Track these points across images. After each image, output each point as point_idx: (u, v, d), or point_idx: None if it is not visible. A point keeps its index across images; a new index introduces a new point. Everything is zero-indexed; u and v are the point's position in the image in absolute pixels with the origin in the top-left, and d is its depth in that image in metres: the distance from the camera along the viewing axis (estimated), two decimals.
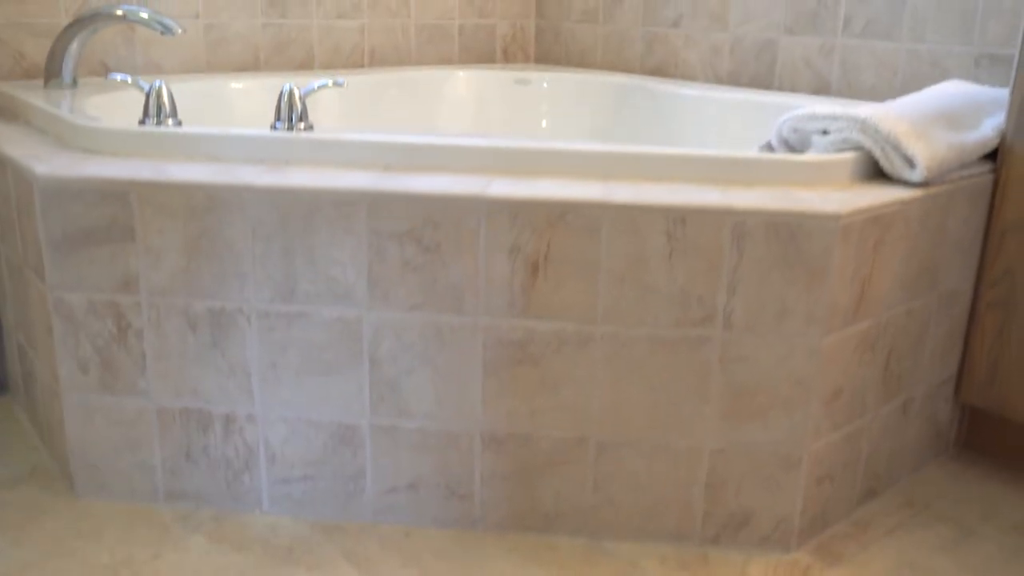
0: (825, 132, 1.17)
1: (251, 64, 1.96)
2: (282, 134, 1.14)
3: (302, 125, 1.16)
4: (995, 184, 1.22)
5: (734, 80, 1.98)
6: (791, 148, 1.23)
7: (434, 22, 2.24)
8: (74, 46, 1.60)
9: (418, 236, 1.03)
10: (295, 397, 1.11)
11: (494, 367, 1.07)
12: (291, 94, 1.15)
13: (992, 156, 1.23)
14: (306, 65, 2.05)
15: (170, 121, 1.18)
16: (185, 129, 1.16)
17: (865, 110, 1.14)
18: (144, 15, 1.57)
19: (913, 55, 1.68)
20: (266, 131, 1.15)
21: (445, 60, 2.28)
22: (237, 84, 1.84)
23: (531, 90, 2.16)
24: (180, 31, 1.58)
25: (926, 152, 1.10)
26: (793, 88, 1.87)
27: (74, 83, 1.62)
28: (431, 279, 1.05)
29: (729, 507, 1.11)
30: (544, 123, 2.16)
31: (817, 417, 1.07)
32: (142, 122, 1.18)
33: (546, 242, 1.02)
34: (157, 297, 1.09)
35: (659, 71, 2.12)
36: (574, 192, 1.02)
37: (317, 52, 2.06)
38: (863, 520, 1.19)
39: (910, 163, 1.11)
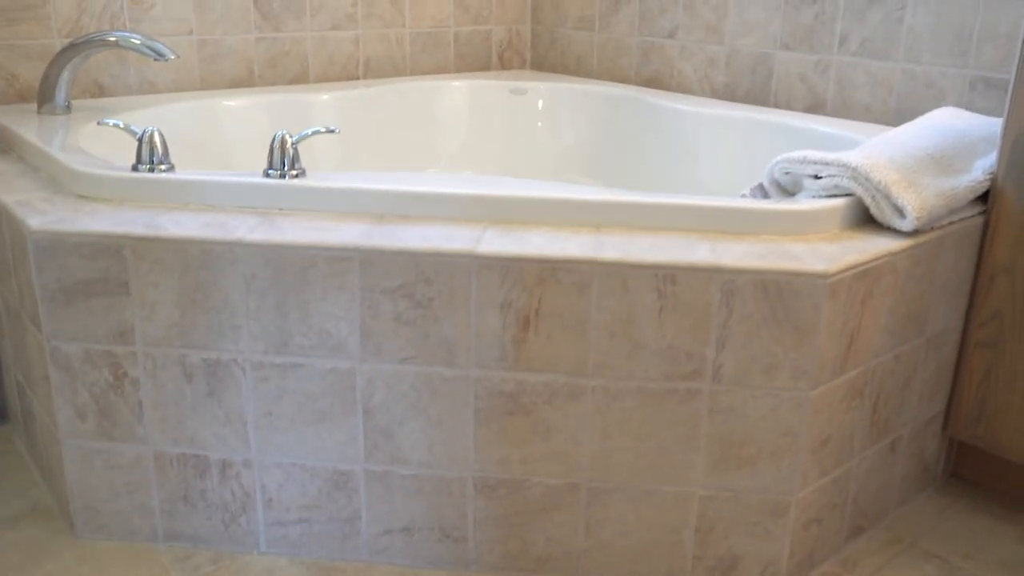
0: (817, 176, 1.18)
1: (245, 79, 1.96)
2: (275, 182, 1.15)
3: (294, 172, 1.16)
4: (985, 226, 1.23)
5: (730, 93, 1.97)
6: (783, 189, 1.24)
7: (429, 30, 2.23)
8: (67, 71, 1.59)
9: (410, 291, 1.04)
10: (290, 444, 1.13)
11: (486, 417, 1.08)
12: (283, 141, 1.16)
13: (983, 197, 1.24)
14: (300, 78, 2.04)
15: (163, 167, 1.18)
16: (178, 176, 1.16)
17: (856, 156, 1.15)
18: (136, 41, 1.57)
19: (908, 75, 1.67)
20: (259, 178, 1.15)
21: (440, 68, 2.27)
22: (230, 102, 1.84)
23: (527, 100, 2.16)
24: (172, 56, 1.57)
25: (916, 201, 1.11)
26: (788, 104, 1.87)
27: (68, 108, 1.62)
28: (423, 333, 1.06)
29: (718, 551, 1.13)
30: (540, 136, 2.16)
31: (805, 465, 1.09)
32: (135, 167, 1.18)
33: (537, 298, 1.03)
34: (153, 348, 1.10)
35: (655, 81, 2.12)
36: (564, 249, 1.03)
37: (311, 64, 2.05)
38: (850, 559, 1.21)
39: (900, 212, 1.12)
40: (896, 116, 1.70)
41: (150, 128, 1.18)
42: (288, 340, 1.08)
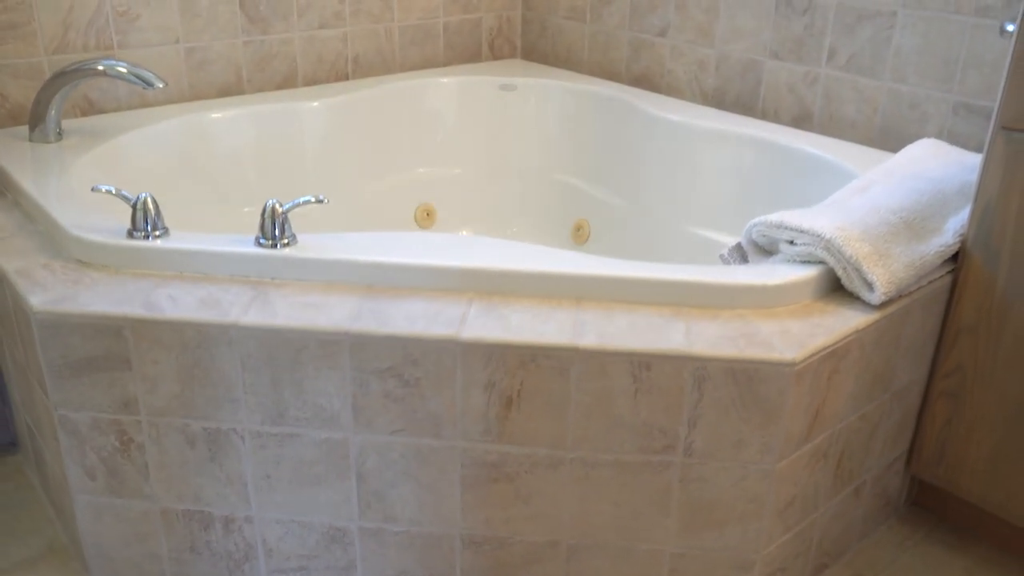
0: (792, 242, 1.22)
1: (234, 84, 1.97)
2: (267, 252, 1.19)
3: (285, 240, 1.20)
4: (953, 285, 1.27)
5: (719, 97, 1.98)
6: (761, 249, 1.28)
7: (418, 22, 2.21)
8: (56, 99, 1.61)
9: (398, 373, 1.10)
10: (289, 503, 1.20)
11: (472, 483, 1.15)
12: (273, 210, 1.19)
13: (954, 255, 1.28)
14: (289, 80, 2.05)
15: (157, 232, 1.22)
16: (173, 245, 1.20)
17: (830, 226, 1.18)
18: (123, 69, 1.58)
19: (894, 95, 1.69)
20: (251, 247, 1.19)
21: (430, 61, 2.27)
22: (217, 114, 1.85)
23: (517, 97, 2.17)
24: (161, 85, 1.59)
25: (884, 276, 1.15)
26: (776, 113, 1.89)
27: (59, 134, 1.63)
28: (411, 409, 1.12)
29: None
30: (529, 134, 2.17)
31: (770, 526, 1.16)
32: (131, 233, 1.22)
33: (519, 380, 1.09)
34: (156, 417, 1.16)
35: (645, 79, 2.12)
36: (544, 335, 1.08)
37: (300, 64, 2.05)
38: None
39: (870, 287, 1.16)
40: (881, 134, 1.72)
41: (143, 195, 1.22)
42: (284, 412, 1.14)
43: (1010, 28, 1.24)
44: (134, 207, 1.22)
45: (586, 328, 1.10)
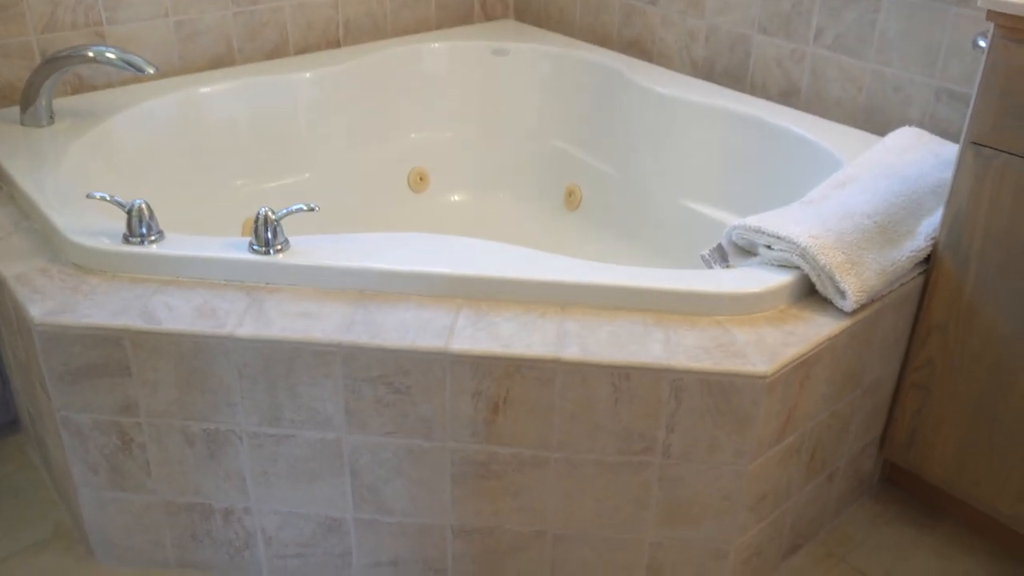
0: (769, 247, 1.25)
1: (224, 55, 1.96)
2: (261, 259, 1.22)
3: (279, 246, 1.23)
4: (924, 286, 1.31)
5: (708, 68, 1.99)
6: (740, 250, 1.31)
7: None
8: (47, 84, 1.61)
9: (389, 381, 1.14)
10: (286, 496, 1.26)
11: (461, 479, 1.21)
12: (266, 218, 1.22)
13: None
14: (281, 48, 2.04)
15: (153, 237, 1.25)
16: (168, 251, 1.23)
17: (805, 234, 1.22)
18: (112, 55, 1.58)
19: (878, 76, 1.70)
20: (246, 253, 1.23)
21: (422, 23, 2.25)
22: (208, 88, 1.85)
23: (509, 62, 2.16)
24: (151, 71, 1.59)
25: (856, 285, 1.19)
26: (764, 86, 1.90)
27: (51, 118, 1.65)
28: (402, 413, 1.17)
29: None
30: (520, 100, 2.18)
31: (744, 519, 1.23)
32: (127, 238, 1.25)
33: (505, 389, 1.14)
34: (156, 419, 1.21)
35: (636, 45, 2.12)
36: (530, 346, 1.12)
37: (290, 32, 2.04)
38: None
39: (842, 295, 1.20)
40: (865, 114, 1.74)
41: (138, 201, 1.24)
42: (279, 415, 1.19)
43: (982, 44, 1.25)
44: (129, 213, 1.25)
45: (569, 339, 1.14)
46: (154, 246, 1.24)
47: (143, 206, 1.24)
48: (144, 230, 1.25)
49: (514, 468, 1.20)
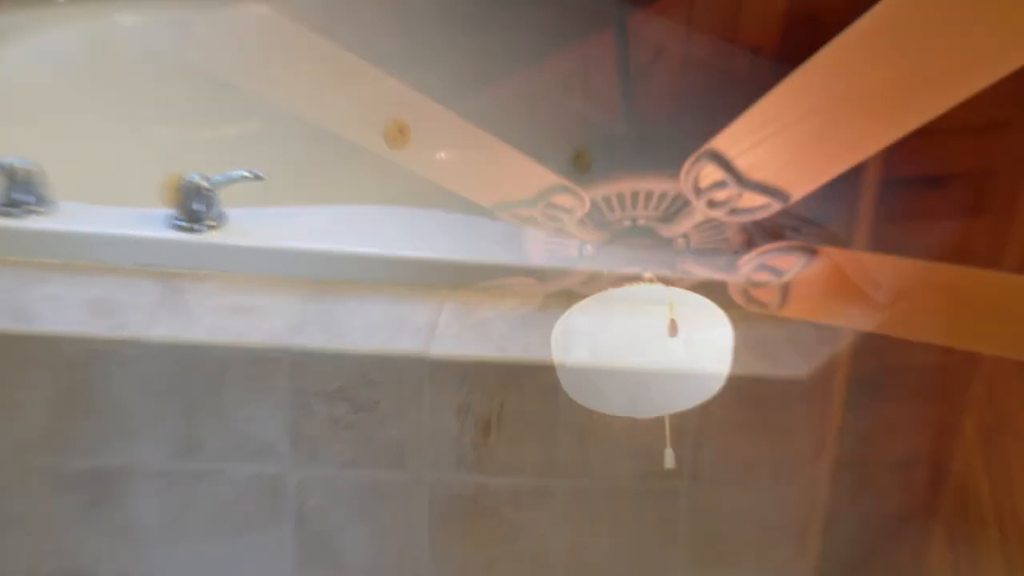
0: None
1: None
2: (186, 238, 0.93)
3: (212, 221, 0.94)
4: None
5: None
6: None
7: None
8: None
9: (351, 396, 0.89)
10: (202, 557, 0.96)
11: (444, 521, 0.97)
12: (197, 187, 0.93)
13: None
14: None
15: (42, 209, 0.94)
16: (60, 227, 0.93)
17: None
18: None
19: None
20: (166, 231, 0.93)
21: None
22: (127, 19, 1.52)
23: None
24: None
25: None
26: None
27: None
28: (367, 437, 0.92)
29: None
30: None
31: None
32: (2, 209, 0.93)
33: (499, 403, 0.90)
34: (11, 457, 0.90)
35: None
36: (529, 349, 0.89)
37: None
38: None
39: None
40: None
41: (17, 161, 0.94)
42: (198, 446, 0.91)
43: None
44: (8, 175, 0.94)
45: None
46: (39, 219, 0.93)
47: (29, 167, 0.94)
48: (29, 198, 0.94)
49: (510, 503, 0.95)
